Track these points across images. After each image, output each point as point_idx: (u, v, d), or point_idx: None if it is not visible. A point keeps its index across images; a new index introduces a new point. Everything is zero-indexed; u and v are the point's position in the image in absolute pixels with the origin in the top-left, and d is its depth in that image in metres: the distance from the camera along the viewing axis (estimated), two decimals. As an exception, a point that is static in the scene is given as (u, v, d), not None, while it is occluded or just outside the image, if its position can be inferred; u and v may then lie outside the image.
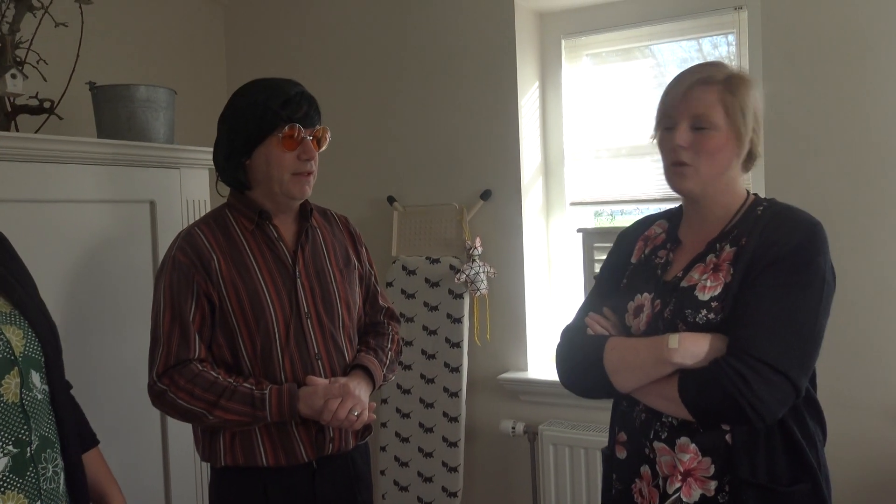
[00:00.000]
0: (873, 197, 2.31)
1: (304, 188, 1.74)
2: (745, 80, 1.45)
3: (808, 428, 1.42)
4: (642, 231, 1.64)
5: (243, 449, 1.71)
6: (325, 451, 1.76)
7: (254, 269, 1.73)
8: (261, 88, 1.73)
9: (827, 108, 2.35)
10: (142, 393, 2.27)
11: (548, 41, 2.98)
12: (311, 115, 1.73)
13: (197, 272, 1.69)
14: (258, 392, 1.66)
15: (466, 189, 2.95)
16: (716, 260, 1.44)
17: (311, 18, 3.27)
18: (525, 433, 2.83)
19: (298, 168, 1.72)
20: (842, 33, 2.32)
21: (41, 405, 1.28)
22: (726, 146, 1.44)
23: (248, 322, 1.71)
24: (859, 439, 2.34)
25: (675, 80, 1.50)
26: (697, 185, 1.46)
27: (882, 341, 2.31)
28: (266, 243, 1.77)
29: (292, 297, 1.74)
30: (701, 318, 1.41)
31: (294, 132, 1.69)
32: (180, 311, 1.68)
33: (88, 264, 2.15)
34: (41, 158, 2.02)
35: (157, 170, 2.32)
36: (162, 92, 2.38)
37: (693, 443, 1.41)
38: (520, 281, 2.87)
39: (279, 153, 1.70)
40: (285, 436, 1.72)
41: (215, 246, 1.73)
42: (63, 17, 2.27)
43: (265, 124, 1.69)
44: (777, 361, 1.32)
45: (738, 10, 2.60)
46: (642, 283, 1.54)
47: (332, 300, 1.80)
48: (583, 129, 2.94)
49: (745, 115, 1.43)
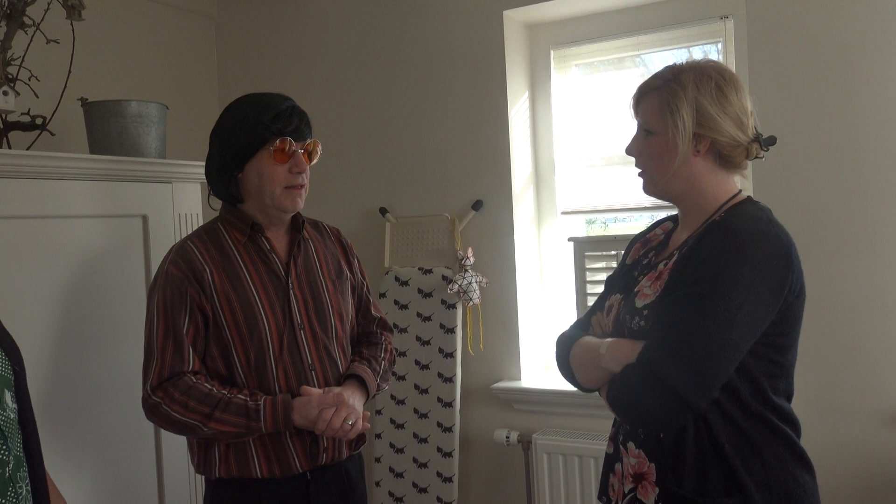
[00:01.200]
0: (859, 203, 2.33)
1: (296, 201, 1.75)
2: (681, 80, 1.41)
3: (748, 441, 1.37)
4: (646, 234, 1.66)
5: (237, 460, 1.72)
6: (318, 462, 1.76)
7: (247, 281, 1.74)
8: (251, 103, 1.75)
9: (812, 115, 2.38)
10: (135, 407, 2.27)
11: (537, 52, 3.00)
12: (301, 129, 1.74)
13: (190, 285, 1.70)
14: (252, 403, 1.66)
15: (458, 199, 2.97)
16: (663, 268, 1.45)
17: (301, 32, 3.29)
18: (519, 442, 2.84)
19: (290, 181, 1.73)
20: (826, 41, 2.35)
21: (13, 424, 1.27)
22: (668, 149, 1.42)
23: (241, 334, 1.72)
24: (850, 444, 2.35)
25: None
26: (652, 188, 1.50)
27: (871, 346, 2.33)
28: (259, 255, 1.78)
29: (285, 308, 1.76)
30: (635, 324, 1.43)
31: (285, 145, 1.71)
32: (174, 324, 1.69)
33: (81, 279, 2.15)
34: (33, 175, 2.03)
35: (149, 184, 2.33)
36: (153, 107, 2.39)
37: (639, 448, 1.44)
38: (512, 290, 2.88)
39: (270, 167, 1.71)
40: (279, 446, 1.72)
41: (208, 259, 1.74)
42: (54, 33, 2.28)
43: (256, 138, 1.70)
44: (665, 374, 1.29)
45: (724, 19, 2.63)
46: (621, 283, 1.57)
47: (325, 311, 1.81)
48: (573, 139, 2.96)
49: (673, 114, 1.40)
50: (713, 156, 1.44)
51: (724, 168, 1.45)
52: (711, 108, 1.40)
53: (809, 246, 2.39)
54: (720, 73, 1.43)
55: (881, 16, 2.28)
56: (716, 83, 1.41)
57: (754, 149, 1.45)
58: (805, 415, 2.39)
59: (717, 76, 1.42)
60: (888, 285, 2.30)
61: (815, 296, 2.40)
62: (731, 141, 1.41)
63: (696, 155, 1.43)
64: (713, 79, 1.41)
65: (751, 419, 1.38)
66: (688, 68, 1.44)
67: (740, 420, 1.37)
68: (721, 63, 1.49)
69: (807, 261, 2.36)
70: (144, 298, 2.29)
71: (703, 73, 1.42)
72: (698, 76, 1.41)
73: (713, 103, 1.40)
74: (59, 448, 2.08)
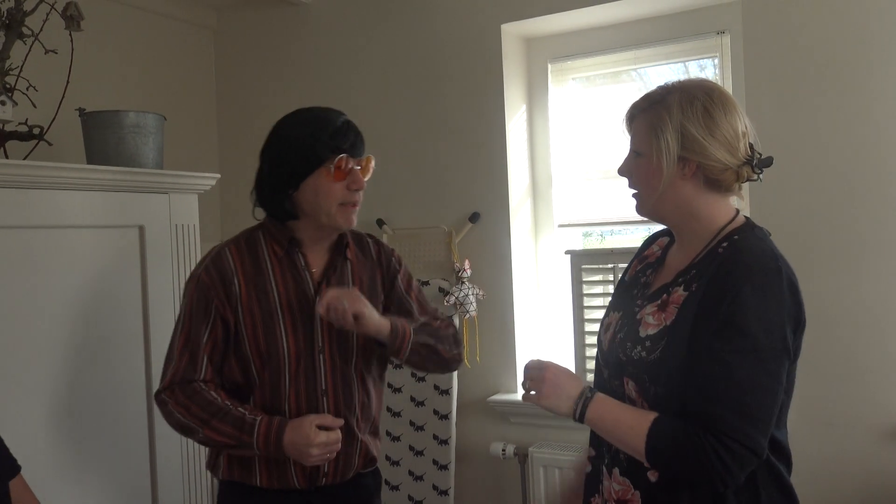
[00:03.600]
0: (857, 218, 2.33)
1: (351, 218, 1.73)
2: (666, 101, 1.38)
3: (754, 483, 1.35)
4: (644, 249, 1.64)
5: (241, 466, 1.73)
6: (318, 483, 1.75)
7: (273, 297, 1.72)
8: (307, 120, 1.72)
9: (809, 131, 2.38)
10: (131, 415, 2.27)
11: (534, 65, 3.02)
12: (357, 145, 1.72)
13: (216, 294, 1.70)
14: (249, 417, 1.65)
15: (455, 212, 2.97)
16: (667, 298, 1.41)
17: (299, 44, 3.30)
18: (515, 455, 2.83)
19: (346, 198, 1.70)
20: (823, 57, 2.36)
21: None
22: (654, 171, 1.40)
23: (259, 349, 1.70)
24: (849, 459, 2.35)
25: None
26: (642, 210, 1.49)
27: (870, 361, 2.33)
28: (291, 271, 1.75)
29: (308, 329, 1.72)
30: (636, 353, 1.39)
31: (343, 163, 1.68)
32: (195, 335, 1.70)
33: (78, 289, 2.15)
34: (30, 185, 2.03)
35: (146, 195, 2.33)
36: (151, 118, 2.40)
37: (624, 475, 1.42)
38: (509, 303, 2.88)
39: (328, 184, 1.68)
40: (281, 464, 1.71)
41: (239, 268, 1.73)
42: (53, 43, 2.29)
43: (314, 156, 1.67)
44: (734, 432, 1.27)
45: (720, 34, 2.64)
46: (620, 301, 1.55)
47: (348, 336, 1.75)
48: (570, 152, 2.97)
49: (658, 138, 1.37)
50: (701, 179, 1.39)
51: (714, 191, 1.41)
52: (697, 132, 1.35)
53: (808, 261, 2.39)
54: (708, 95, 1.38)
55: (879, 32, 2.29)
56: (703, 105, 1.36)
57: (745, 172, 1.40)
58: (804, 429, 2.40)
59: (706, 98, 1.37)
60: (887, 300, 2.30)
61: (813, 311, 2.40)
62: (718, 164, 1.37)
63: (682, 178, 1.39)
64: (700, 100, 1.36)
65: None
66: (675, 89, 1.40)
67: None
68: (712, 83, 1.44)
69: (805, 276, 2.36)
70: (141, 308, 2.30)
71: (691, 95, 1.37)
72: (684, 98, 1.37)
73: (699, 126, 1.35)
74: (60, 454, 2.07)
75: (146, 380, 2.31)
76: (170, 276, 2.38)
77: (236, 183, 3.39)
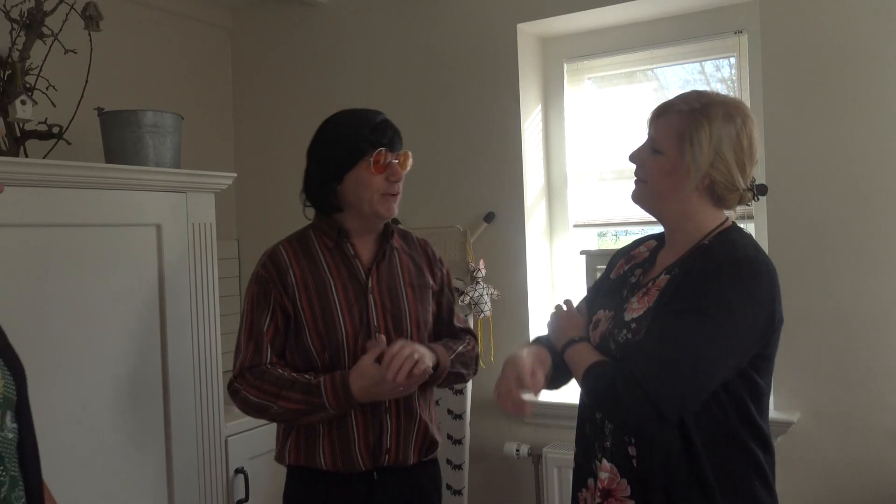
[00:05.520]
0: (874, 218, 2.32)
1: (392, 207, 1.85)
2: (709, 115, 1.42)
3: (727, 463, 1.39)
4: (630, 250, 1.68)
5: (307, 450, 1.82)
6: (381, 462, 1.82)
7: (329, 283, 1.83)
8: (348, 119, 1.86)
9: (826, 131, 2.37)
10: (148, 413, 2.29)
11: (550, 65, 3.01)
12: (395, 140, 1.86)
13: (274, 286, 1.82)
14: (314, 381, 1.75)
15: (470, 211, 2.97)
16: (651, 286, 1.47)
17: (315, 44, 3.31)
18: (529, 455, 2.83)
19: (387, 189, 1.83)
20: (841, 57, 2.35)
21: (10, 444, 1.27)
22: (672, 173, 1.45)
23: (319, 332, 1.80)
24: (863, 461, 2.33)
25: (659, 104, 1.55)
26: (644, 202, 1.53)
27: (885, 363, 2.31)
28: (343, 260, 1.86)
29: (363, 311, 1.83)
30: (622, 336, 1.45)
31: (381, 157, 1.80)
32: (258, 325, 1.83)
33: (95, 287, 2.17)
34: (49, 183, 2.05)
35: (164, 194, 2.35)
36: (169, 117, 2.41)
37: (610, 463, 1.45)
38: (523, 303, 2.88)
39: (369, 176, 1.80)
40: (345, 440, 1.80)
41: (293, 261, 1.85)
42: (72, 43, 2.31)
43: (356, 150, 1.80)
44: (649, 386, 1.30)
45: (738, 34, 2.63)
46: (608, 299, 1.59)
47: (402, 317, 1.86)
48: (586, 151, 2.96)
49: (693, 146, 1.41)
50: (709, 193, 1.46)
51: (716, 205, 1.48)
52: (728, 153, 1.42)
53: (823, 262, 2.38)
54: (744, 118, 1.44)
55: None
56: (737, 131, 1.42)
57: (748, 196, 1.48)
58: (818, 431, 2.39)
59: (741, 120, 1.43)
60: (903, 301, 2.29)
61: (829, 312, 2.41)
62: (729, 184, 1.44)
63: (695, 188, 1.45)
64: (737, 126, 1.42)
65: (730, 440, 1.40)
66: (717, 102, 1.44)
67: (720, 439, 1.39)
68: (745, 105, 1.49)
69: (820, 277, 2.37)
70: (158, 306, 2.32)
71: (731, 113, 1.43)
72: (726, 115, 1.42)
73: (730, 149, 1.42)
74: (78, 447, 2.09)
75: (163, 378, 2.33)
76: (187, 275, 2.39)
77: (252, 182, 3.42)
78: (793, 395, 2.42)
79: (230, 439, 2.56)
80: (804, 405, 2.41)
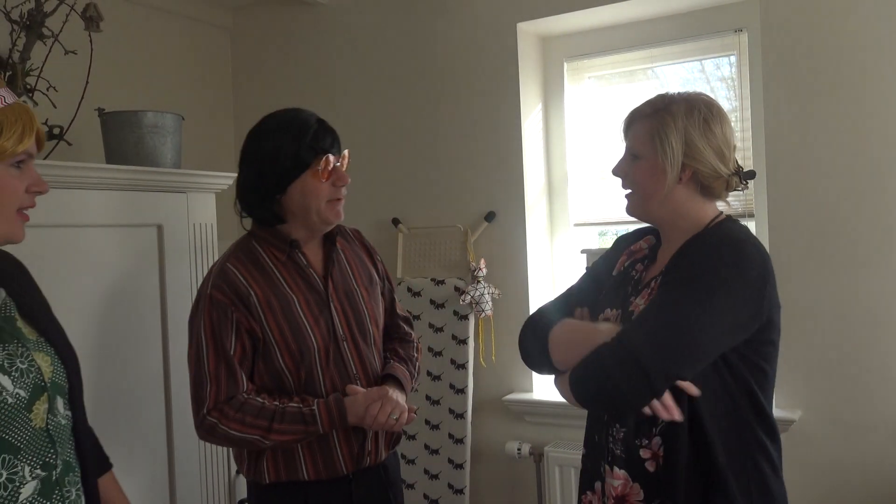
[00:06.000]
0: (875, 217, 2.32)
1: (340, 212, 1.81)
2: (672, 111, 1.47)
3: (740, 454, 1.41)
4: (631, 243, 1.69)
5: (286, 465, 1.77)
6: (363, 464, 1.81)
7: (291, 299, 1.76)
8: (284, 125, 1.76)
9: (826, 129, 2.37)
10: (150, 414, 2.29)
11: (550, 64, 3.01)
12: (335, 143, 1.79)
13: (236, 309, 1.71)
14: (307, 409, 1.70)
15: (471, 211, 2.97)
16: (654, 285, 1.49)
17: (315, 43, 3.31)
18: (531, 455, 2.83)
19: (333, 194, 1.78)
20: (842, 55, 2.34)
21: (64, 430, 1.32)
22: (652, 175, 1.49)
23: (291, 351, 1.74)
24: (866, 460, 2.33)
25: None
26: (636, 211, 1.57)
27: (883, 362, 2.31)
28: (297, 272, 1.80)
29: (328, 322, 1.79)
30: None
31: (327, 163, 1.74)
32: (223, 348, 1.70)
33: (96, 288, 2.17)
34: (50, 184, 2.04)
35: (165, 194, 2.35)
36: (169, 118, 2.41)
37: (622, 469, 1.46)
38: (524, 302, 2.88)
39: (315, 184, 1.74)
40: (327, 450, 1.77)
41: (251, 281, 1.74)
42: (73, 44, 2.31)
43: (298, 161, 1.72)
44: (640, 353, 1.32)
45: (738, 32, 2.62)
46: (614, 297, 1.59)
47: (363, 320, 1.85)
48: (586, 150, 2.96)
49: (663, 141, 1.46)
50: (695, 184, 1.49)
51: (704, 196, 1.51)
52: (698, 140, 1.46)
53: (824, 259, 2.38)
54: (708, 107, 1.49)
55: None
56: (703, 116, 1.48)
57: (734, 181, 1.51)
58: (819, 430, 2.39)
59: (706, 110, 1.48)
60: (904, 299, 2.29)
61: (830, 309, 2.41)
62: (712, 172, 1.47)
63: (678, 182, 1.48)
64: (702, 112, 1.48)
65: (741, 429, 1.41)
66: (679, 99, 1.50)
67: (732, 430, 1.40)
68: (709, 97, 1.54)
69: (821, 274, 2.37)
70: (159, 309, 2.32)
71: (693, 105, 1.49)
72: (688, 108, 1.48)
73: (699, 135, 1.47)
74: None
75: (164, 379, 2.33)
76: (188, 275, 2.39)
77: (253, 182, 3.42)
78: (794, 393, 2.42)
79: (232, 439, 2.56)
80: (805, 403, 2.41)
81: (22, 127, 1.25)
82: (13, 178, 1.28)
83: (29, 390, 1.24)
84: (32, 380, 1.26)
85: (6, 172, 1.26)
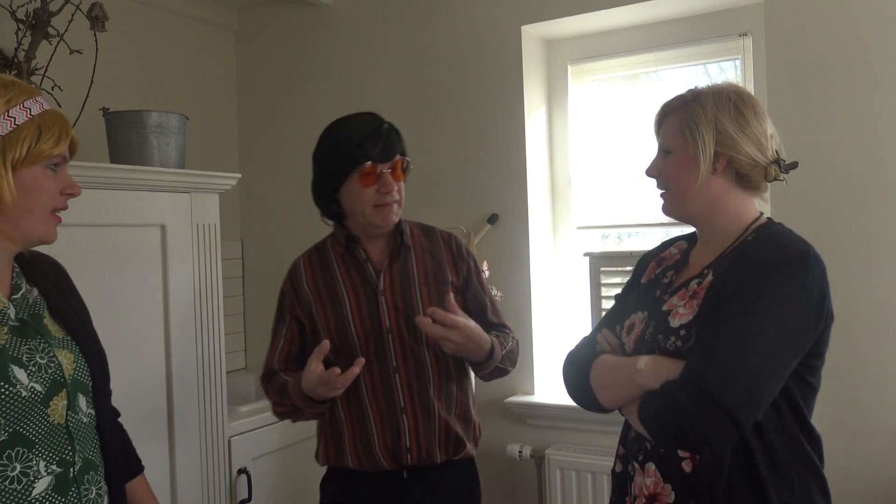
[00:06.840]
0: (878, 221, 2.31)
1: (388, 217, 1.85)
2: (700, 101, 1.44)
3: (782, 465, 1.36)
4: (660, 252, 1.65)
5: (336, 451, 1.89)
6: (404, 461, 1.83)
7: (340, 290, 1.88)
8: (341, 129, 1.87)
9: (832, 134, 2.36)
10: (152, 413, 2.29)
11: (554, 67, 3.01)
12: (385, 150, 1.83)
13: (290, 297, 1.93)
14: (289, 382, 1.85)
15: (473, 213, 2.97)
16: (696, 287, 1.43)
17: (320, 45, 3.32)
18: (532, 457, 2.83)
19: (378, 200, 1.83)
20: (847, 60, 2.34)
21: (86, 428, 1.33)
22: (685, 167, 1.44)
23: (332, 337, 1.84)
24: (869, 465, 2.33)
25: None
26: (672, 209, 1.51)
27: (885, 366, 2.31)
28: (354, 265, 1.90)
29: (374, 313, 1.85)
30: (671, 344, 1.40)
31: (370, 170, 1.81)
32: (279, 332, 1.95)
33: (100, 288, 2.17)
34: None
35: (168, 194, 2.35)
36: (173, 118, 2.42)
37: (656, 468, 1.41)
38: (527, 304, 2.88)
39: (359, 189, 1.82)
40: (367, 442, 1.84)
41: (308, 271, 1.92)
42: (78, 44, 2.31)
43: (343, 164, 1.82)
44: (719, 393, 1.25)
45: (742, 36, 2.62)
46: (642, 302, 1.55)
47: (416, 315, 1.84)
48: (589, 153, 2.96)
49: (692, 131, 1.42)
50: (731, 174, 1.44)
51: (742, 188, 1.46)
52: (730, 127, 1.42)
53: (830, 265, 2.35)
54: (739, 95, 1.45)
55: (901, 34, 2.27)
56: (734, 104, 1.43)
57: (773, 170, 1.45)
58: (824, 434, 2.37)
59: (736, 98, 1.44)
60: (908, 305, 2.28)
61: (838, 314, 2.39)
62: (748, 160, 1.43)
63: (714, 173, 1.43)
64: (731, 100, 1.44)
65: (787, 442, 1.37)
66: (706, 90, 1.46)
67: (777, 443, 1.36)
68: (739, 86, 1.50)
69: (827, 278, 2.36)
70: (163, 306, 2.32)
71: (722, 94, 1.45)
72: (717, 97, 1.44)
73: (731, 122, 1.42)
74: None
75: (167, 377, 2.33)
76: (191, 275, 2.40)
77: (257, 182, 3.42)
78: (796, 398, 2.41)
79: (233, 439, 2.56)
80: (807, 408, 2.41)
81: (59, 131, 1.31)
82: (49, 180, 1.32)
83: (46, 385, 1.25)
84: (51, 375, 1.27)
85: (43, 174, 1.30)
